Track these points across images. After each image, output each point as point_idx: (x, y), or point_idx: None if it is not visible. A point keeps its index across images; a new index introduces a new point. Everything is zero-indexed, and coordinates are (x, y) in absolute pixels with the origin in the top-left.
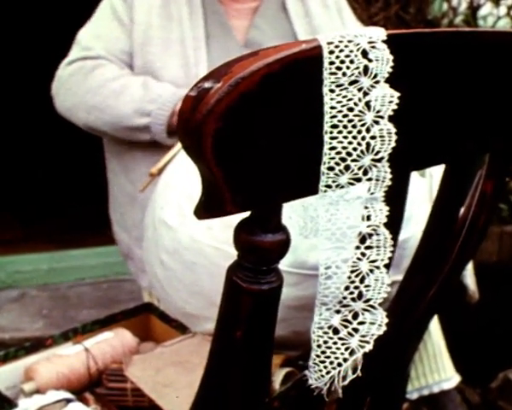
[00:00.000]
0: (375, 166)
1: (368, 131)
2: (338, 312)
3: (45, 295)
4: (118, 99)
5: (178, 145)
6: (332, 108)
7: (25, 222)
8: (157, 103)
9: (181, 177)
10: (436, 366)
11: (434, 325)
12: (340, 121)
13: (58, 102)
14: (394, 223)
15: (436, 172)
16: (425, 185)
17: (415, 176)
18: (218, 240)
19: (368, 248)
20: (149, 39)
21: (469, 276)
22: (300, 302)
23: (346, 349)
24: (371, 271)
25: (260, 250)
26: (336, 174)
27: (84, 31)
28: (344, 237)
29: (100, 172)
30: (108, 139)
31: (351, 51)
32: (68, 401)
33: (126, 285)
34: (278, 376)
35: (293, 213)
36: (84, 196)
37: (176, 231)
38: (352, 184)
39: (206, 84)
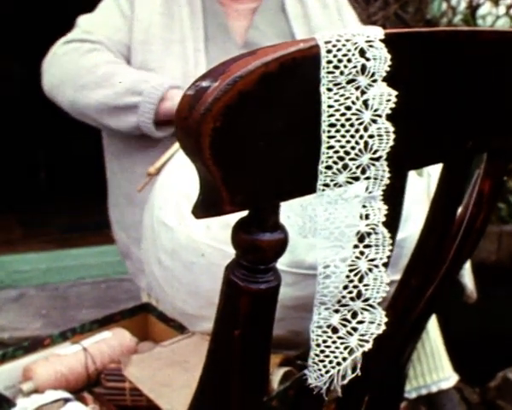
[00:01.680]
0: (373, 164)
1: (366, 129)
2: (337, 311)
3: (44, 295)
4: (110, 79)
5: (176, 145)
6: (329, 106)
7: (24, 222)
8: (150, 83)
9: (179, 176)
10: (434, 366)
11: (432, 325)
12: (337, 120)
13: (46, 78)
14: (392, 222)
15: (434, 172)
16: (423, 184)
17: (412, 175)
18: (216, 239)
19: (366, 247)
20: (150, 38)
21: (467, 275)
22: (298, 302)
23: (346, 348)
24: (370, 270)
25: (258, 249)
26: (334, 173)
27: (85, 17)
28: (342, 236)
29: (99, 172)
30: (107, 135)
31: (348, 50)
32: (66, 400)
33: (125, 285)
34: (276, 375)
35: (291, 212)
36: (82, 195)
37: (174, 231)
38: (350, 182)
39: (204, 83)
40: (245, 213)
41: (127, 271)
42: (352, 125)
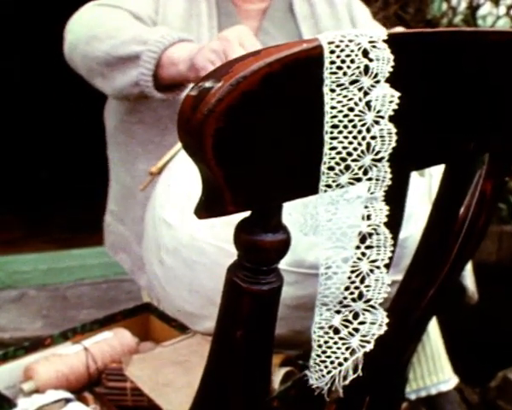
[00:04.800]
0: (376, 165)
1: (368, 131)
2: (338, 312)
3: (45, 296)
4: (121, 29)
5: (178, 144)
6: (332, 107)
7: (24, 222)
8: (158, 34)
9: (181, 175)
10: (434, 368)
11: (433, 327)
12: (340, 121)
13: (67, 38)
14: (394, 223)
15: (435, 172)
16: (424, 185)
17: (414, 175)
18: (218, 238)
19: (368, 247)
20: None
21: (468, 276)
22: (299, 301)
23: (347, 349)
24: (371, 271)
25: (261, 250)
26: (336, 174)
27: None
28: (344, 237)
29: (99, 171)
30: (109, 113)
31: (351, 51)
32: (67, 400)
33: (125, 285)
34: (278, 375)
35: (293, 210)
36: (82, 195)
37: (176, 230)
38: (352, 183)
39: (207, 84)
40: (247, 213)
41: (126, 270)
42: (354, 126)
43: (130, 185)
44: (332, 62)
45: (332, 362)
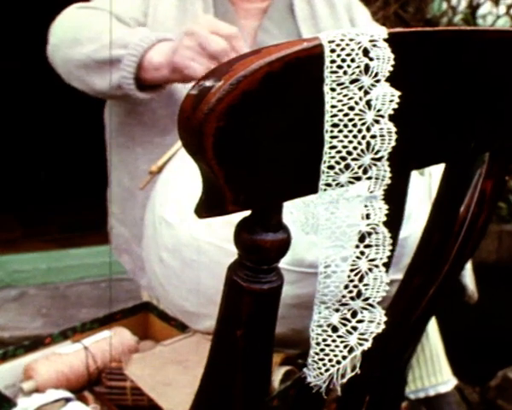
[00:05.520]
0: (375, 165)
1: (368, 130)
2: (337, 310)
3: (44, 294)
4: (102, 34)
5: (178, 143)
6: (333, 106)
7: (24, 221)
8: (137, 36)
9: (180, 174)
10: (433, 369)
11: (432, 328)
12: (340, 120)
13: (50, 40)
14: (394, 222)
15: (435, 171)
16: (424, 184)
17: (414, 175)
18: (217, 237)
19: (367, 246)
20: (163, 30)
21: (468, 275)
22: (299, 300)
23: (345, 347)
24: (370, 269)
25: (261, 249)
26: (336, 173)
27: None
28: (343, 236)
29: (99, 171)
30: (109, 115)
31: (352, 50)
32: (67, 400)
33: (125, 284)
34: (277, 374)
35: (294, 208)
36: (82, 195)
37: (175, 229)
38: (351, 182)
39: (207, 83)
40: (247, 212)
41: (126, 270)
42: (354, 125)
43: (130, 186)
44: (332, 61)
45: (330, 360)
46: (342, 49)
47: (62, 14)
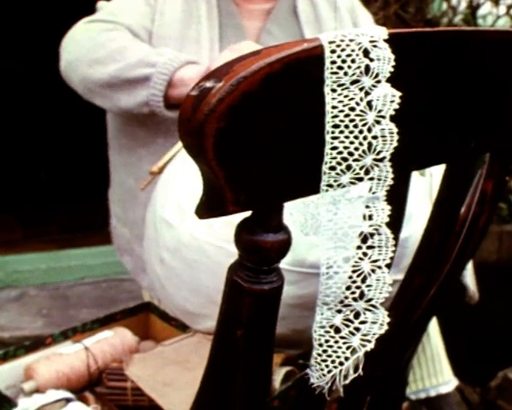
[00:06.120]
0: (377, 165)
1: (369, 130)
2: (339, 311)
3: (45, 295)
4: (124, 53)
5: (179, 144)
6: (333, 107)
7: (24, 222)
8: (165, 56)
9: (181, 175)
10: (434, 370)
11: (433, 329)
12: (341, 121)
13: (63, 57)
14: (395, 222)
15: (436, 172)
16: (425, 184)
17: (415, 175)
18: (218, 238)
19: (369, 247)
20: (168, 33)
21: (469, 276)
22: (300, 300)
23: (348, 348)
24: (373, 271)
25: (262, 250)
26: (338, 174)
27: (107, 2)
28: (345, 237)
29: (99, 171)
30: (111, 116)
31: (352, 50)
32: (68, 400)
33: (126, 284)
34: (278, 375)
35: (293, 209)
36: (82, 195)
37: (176, 229)
38: (353, 183)
39: (208, 84)
40: (248, 213)
41: (127, 270)
42: (355, 126)
43: (132, 187)
44: (333, 62)
45: (333, 361)
46: (342, 50)
47: (73, 29)
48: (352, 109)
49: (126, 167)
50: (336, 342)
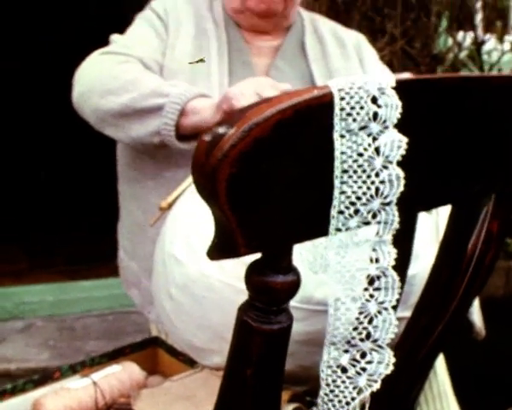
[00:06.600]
0: (384, 209)
1: (377, 175)
2: (346, 351)
3: (51, 326)
4: (136, 84)
5: (188, 180)
6: (342, 153)
7: (31, 253)
8: (178, 88)
9: (190, 211)
10: (441, 407)
11: (440, 365)
12: (350, 166)
13: (76, 89)
14: (402, 262)
15: (442, 210)
16: (431, 222)
17: (421, 213)
18: (227, 275)
19: (376, 289)
20: (179, 67)
21: (476, 312)
22: (307, 337)
23: (354, 388)
24: (379, 312)
25: (272, 291)
26: (346, 218)
27: (120, 36)
28: (353, 280)
29: (107, 202)
30: (121, 148)
31: (361, 97)
32: None
33: (132, 317)
34: None
35: (302, 248)
36: (88, 226)
37: (185, 266)
38: (360, 226)
39: (220, 130)
40: (258, 254)
41: (134, 303)
42: (363, 171)
43: (141, 220)
44: (342, 109)
45: (340, 401)
46: (351, 97)
47: (86, 61)
48: (361, 155)
49: (135, 200)
50: (343, 382)
